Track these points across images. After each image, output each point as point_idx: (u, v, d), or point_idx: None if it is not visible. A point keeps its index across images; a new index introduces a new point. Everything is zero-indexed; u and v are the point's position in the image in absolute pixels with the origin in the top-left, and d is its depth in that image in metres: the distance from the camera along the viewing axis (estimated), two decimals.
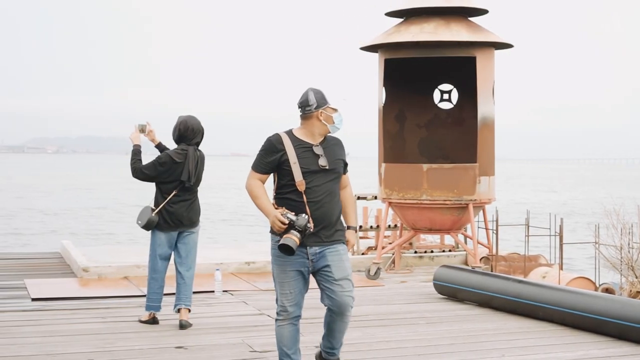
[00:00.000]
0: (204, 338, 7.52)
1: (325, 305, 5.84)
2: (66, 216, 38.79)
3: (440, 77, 13.11)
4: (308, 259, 5.72)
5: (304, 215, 5.56)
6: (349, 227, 5.97)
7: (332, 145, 5.86)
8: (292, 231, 5.53)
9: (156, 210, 7.90)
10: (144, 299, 8.72)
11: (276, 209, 5.66)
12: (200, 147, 8.09)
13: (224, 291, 9.74)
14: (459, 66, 12.54)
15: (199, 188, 8.14)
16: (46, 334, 7.53)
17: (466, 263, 12.60)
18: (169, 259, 8.06)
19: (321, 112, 5.78)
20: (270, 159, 5.69)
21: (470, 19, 11.95)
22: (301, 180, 5.62)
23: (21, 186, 66.08)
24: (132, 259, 11.24)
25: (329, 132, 5.81)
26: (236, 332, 7.75)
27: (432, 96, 13.17)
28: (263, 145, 5.76)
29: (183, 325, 7.86)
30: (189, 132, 7.96)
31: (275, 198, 5.77)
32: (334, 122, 5.80)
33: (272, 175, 5.84)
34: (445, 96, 13.21)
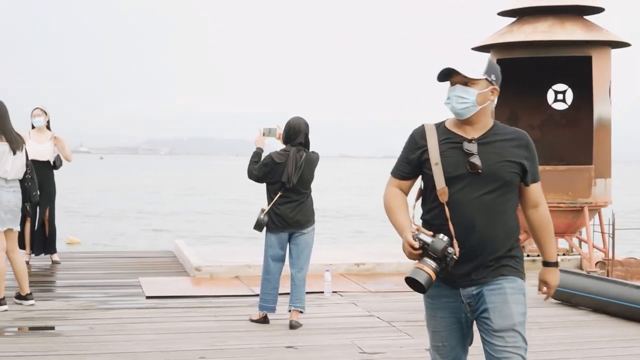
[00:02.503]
0: (314, 338, 7.54)
1: None
2: (179, 217, 39.58)
3: (554, 77, 12.85)
4: (463, 302, 4.11)
5: (441, 236, 3.94)
6: (547, 264, 4.27)
7: (501, 141, 4.09)
8: (425, 259, 3.93)
9: (265, 212, 7.97)
10: (254, 299, 8.81)
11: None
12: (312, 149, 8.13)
13: (333, 292, 9.76)
14: (574, 66, 12.27)
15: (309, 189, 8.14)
16: (160, 332, 7.68)
17: (580, 267, 12.30)
18: (281, 260, 8.10)
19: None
20: (410, 157, 4.17)
21: (585, 17, 11.68)
22: (443, 188, 4.01)
23: (143, 187, 67.80)
24: (244, 258, 11.37)
25: (460, 117, 4.12)
26: (345, 333, 7.73)
27: (546, 97, 12.93)
28: (406, 142, 4.26)
29: (293, 326, 7.90)
30: (291, 133, 8.02)
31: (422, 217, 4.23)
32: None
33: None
34: (560, 96, 12.94)
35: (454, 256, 3.93)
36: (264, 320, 8.09)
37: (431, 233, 3.97)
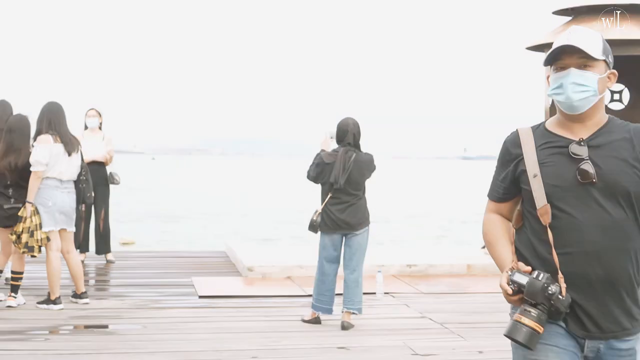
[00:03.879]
0: (366, 339, 7.51)
1: None
2: (230, 217, 39.79)
3: None
4: (582, 352, 3.12)
5: (536, 274, 3.00)
6: None
7: (619, 141, 3.08)
8: (524, 307, 3.01)
9: (318, 213, 7.97)
10: (307, 299, 8.81)
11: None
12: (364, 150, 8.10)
13: (385, 293, 9.72)
14: (631, 65, 12.07)
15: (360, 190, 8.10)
16: (212, 331, 7.71)
17: None
18: (335, 261, 8.07)
19: (548, 77, 3.20)
20: (504, 173, 3.25)
21: None
22: (544, 206, 3.05)
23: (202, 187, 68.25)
24: (296, 259, 11.38)
25: (574, 111, 3.10)
26: (398, 335, 7.69)
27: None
28: (499, 154, 3.35)
29: (345, 327, 7.88)
30: (340, 133, 8.03)
31: (516, 244, 3.25)
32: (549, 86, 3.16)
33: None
34: (616, 97, 12.75)
35: (560, 295, 2.99)
36: (316, 320, 8.08)
37: (529, 269, 3.06)
